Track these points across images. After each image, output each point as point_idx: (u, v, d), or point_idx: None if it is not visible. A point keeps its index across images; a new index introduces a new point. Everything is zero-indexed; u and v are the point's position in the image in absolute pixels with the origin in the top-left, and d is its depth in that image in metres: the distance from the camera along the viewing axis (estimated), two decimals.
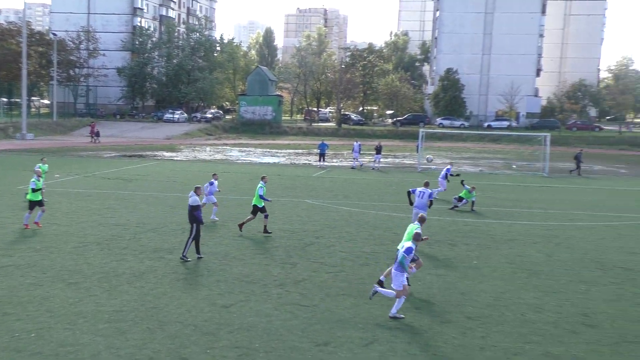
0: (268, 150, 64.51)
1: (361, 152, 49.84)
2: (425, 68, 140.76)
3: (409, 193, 22.56)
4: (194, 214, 18.62)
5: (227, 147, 66.39)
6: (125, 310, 14.21)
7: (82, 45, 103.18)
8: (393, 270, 14.54)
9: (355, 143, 50.33)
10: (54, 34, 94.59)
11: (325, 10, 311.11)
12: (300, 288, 16.31)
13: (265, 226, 22.80)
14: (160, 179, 37.68)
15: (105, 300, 14.94)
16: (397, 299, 14.26)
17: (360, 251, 20.53)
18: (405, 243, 14.63)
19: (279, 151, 63.35)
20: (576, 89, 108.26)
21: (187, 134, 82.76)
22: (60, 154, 53.25)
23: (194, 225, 18.68)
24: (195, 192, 18.88)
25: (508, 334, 13.35)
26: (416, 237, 14.84)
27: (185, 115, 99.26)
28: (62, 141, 68.10)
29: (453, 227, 24.96)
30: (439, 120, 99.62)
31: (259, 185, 22.72)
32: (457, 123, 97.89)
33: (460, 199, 29.36)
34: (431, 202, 22.41)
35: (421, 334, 13.30)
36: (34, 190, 22.43)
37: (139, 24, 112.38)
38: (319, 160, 48.98)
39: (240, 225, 22.92)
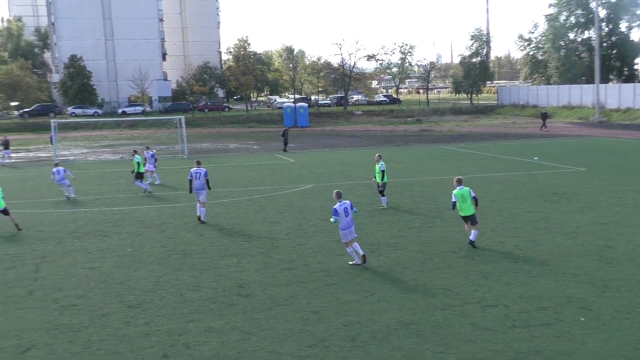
0: None
1: None
2: (47, 55, 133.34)
3: (190, 181, 22.94)
4: None
5: None
6: None
7: None
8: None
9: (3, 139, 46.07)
10: None
11: None
12: None
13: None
14: None
15: None
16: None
17: (3, 254, 19.01)
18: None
19: None
20: (202, 72, 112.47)
21: None
22: None
23: None
24: None
25: (171, 317, 13.56)
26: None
27: None
28: None
29: (102, 217, 24.42)
30: (70, 109, 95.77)
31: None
32: (91, 111, 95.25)
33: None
34: (207, 180, 23.06)
35: (81, 330, 12.85)
36: None
37: None
38: None
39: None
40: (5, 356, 11.70)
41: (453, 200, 18.61)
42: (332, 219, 16.88)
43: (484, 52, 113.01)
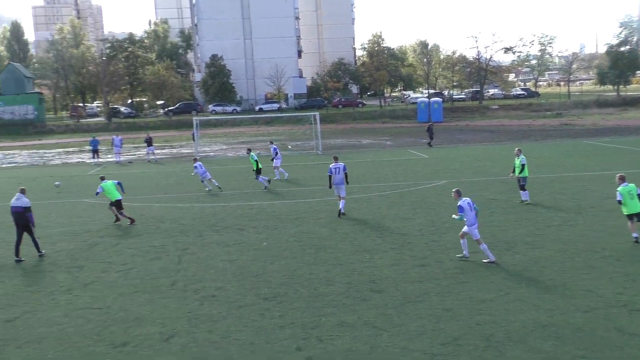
0: (35, 151, 60.35)
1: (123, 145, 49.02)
2: (190, 55, 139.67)
3: (329, 177, 23.60)
4: (27, 216, 18.63)
5: None
6: None
7: None
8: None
9: (114, 137, 48.86)
10: None
11: (76, 1, 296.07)
12: (90, 291, 15.63)
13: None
14: None
15: None
16: None
17: (149, 246, 20.05)
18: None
19: (48, 151, 59.55)
20: (336, 68, 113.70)
21: None
22: None
23: (24, 227, 18.71)
24: (22, 192, 18.99)
25: (304, 310, 13.76)
26: None
27: None
28: None
29: (240, 212, 25.23)
30: (211, 107, 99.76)
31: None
32: (230, 109, 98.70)
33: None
34: (346, 175, 23.67)
35: (220, 321, 13.30)
36: None
37: None
38: (93, 157, 46.91)
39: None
40: (152, 342, 12.34)
41: (618, 198, 17.90)
42: (455, 216, 16.78)
43: (634, 39, 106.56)
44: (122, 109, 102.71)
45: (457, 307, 13.51)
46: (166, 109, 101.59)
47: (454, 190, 17.44)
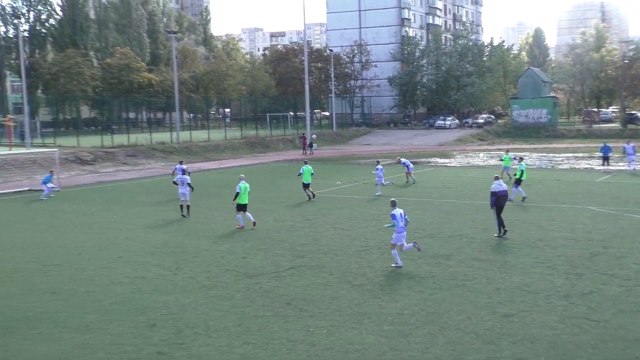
0: (544, 154, 61.95)
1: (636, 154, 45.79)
2: None
3: None
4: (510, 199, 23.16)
5: (502, 153, 64.96)
6: (406, 314, 14.54)
7: (355, 59, 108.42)
8: None
9: (626, 145, 46.12)
10: (331, 50, 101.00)
11: (602, 4, 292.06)
12: (588, 301, 15.33)
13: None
14: (434, 185, 38.02)
15: (387, 302, 15.42)
16: None
17: None
18: None
19: (556, 155, 60.50)
20: None
21: (459, 139, 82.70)
22: (341, 162, 56.32)
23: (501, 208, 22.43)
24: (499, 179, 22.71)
25: None
26: None
27: (457, 121, 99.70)
28: (341, 150, 71.86)
29: None
30: None
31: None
32: None
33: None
34: None
35: None
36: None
37: (406, 34, 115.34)
38: (602, 164, 45.85)
39: None
40: None
41: None
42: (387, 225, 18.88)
43: None
44: None
45: None
46: None
47: (391, 199, 19.35)
